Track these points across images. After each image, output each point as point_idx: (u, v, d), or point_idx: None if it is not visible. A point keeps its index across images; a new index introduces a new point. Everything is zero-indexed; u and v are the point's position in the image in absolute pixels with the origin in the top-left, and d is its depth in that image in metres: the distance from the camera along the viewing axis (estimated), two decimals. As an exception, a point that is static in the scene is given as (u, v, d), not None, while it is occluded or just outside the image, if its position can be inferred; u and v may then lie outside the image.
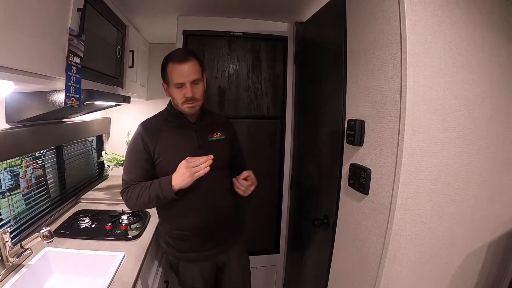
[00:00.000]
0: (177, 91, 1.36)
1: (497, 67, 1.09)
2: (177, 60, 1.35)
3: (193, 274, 1.50)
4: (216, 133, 1.50)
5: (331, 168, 1.50)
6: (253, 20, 2.07)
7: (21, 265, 1.26)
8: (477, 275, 1.26)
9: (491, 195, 1.18)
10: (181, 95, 1.35)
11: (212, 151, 1.43)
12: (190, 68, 1.34)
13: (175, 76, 1.35)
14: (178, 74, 1.34)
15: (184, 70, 1.34)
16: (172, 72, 1.35)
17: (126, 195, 1.40)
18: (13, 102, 1.34)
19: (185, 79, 1.34)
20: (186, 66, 1.34)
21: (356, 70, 1.27)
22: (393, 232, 1.04)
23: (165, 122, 1.46)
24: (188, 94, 1.34)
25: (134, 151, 1.41)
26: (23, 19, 0.89)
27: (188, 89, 1.34)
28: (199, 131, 1.46)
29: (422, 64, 0.97)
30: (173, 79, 1.35)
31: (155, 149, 1.39)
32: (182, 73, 1.34)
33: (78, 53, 1.20)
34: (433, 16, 0.97)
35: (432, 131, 1.00)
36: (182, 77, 1.34)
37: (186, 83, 1.34)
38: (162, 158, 1.39)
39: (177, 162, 1.31)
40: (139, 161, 1.40)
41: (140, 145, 1.39)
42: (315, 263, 1.74)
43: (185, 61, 1.34)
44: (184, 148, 1.41)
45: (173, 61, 1.36)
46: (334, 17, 1.47)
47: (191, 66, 1.35)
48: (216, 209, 1.44)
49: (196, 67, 1.37)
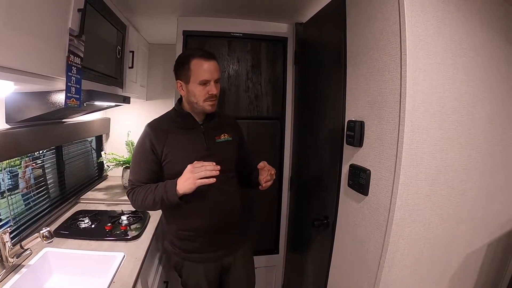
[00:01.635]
0: (201, 88, 1.35)
1: (496, 68, 1.10)
2: (204, 56, 1.35)
3: (198, 275, 1.49)
4: (224, 135, 1.50)
5: (331, 169, 1.50)
6: (253, 21, 2.07)
7: (21, 266, 1.26)
8: (476, 275, 1.26)
9: (490, 195, 1.18)
10: (205, 92, 1.35)
11: (220, 152, 1.44)
12: (215, 66, 1.36)
13: (201, 72, 1.34)
14: (205, 71, 1.34)
15: (211, 68, 1.35)
16: (198, 68, 1.34)
17: (132, 196, 1.40)
18: (13, 102, 1.34)
19: (212, 76, 1.34)
20: (212, 64, 1.35)
21: (355, 71, 1.27)
22: (393, 232, 1.04)
23: (173, 123, 1.46)
24: (213, 91, 1.35)
25: (142, 152, 1.41)
26: (23, 19, 0.89)
27: (213, 86, 1.35)
28: (207, 132, 1.46)
29: (421, 65, 0.97)
30: (198, 75, 1.34)
31: (163, 150, 1.38)
32: (210, 70, 1.34)
33: (78, 53, 1.20)
34: (433, 18, 0.98)
35: (432, 132, 1.01)
36: (210, 74, 1.34)
37: (212, 80, 1.35)
38: (169, 159, 1.39)
39: (184, 163, 1.31)
40: (146, 162, 1.40)
41: (148, 146, 1.38)
42: (314, 264, 1.74)
43: (212, 59, 1.36)
44: (192, 149, 1.41)
45: (199, 57, 1.35)
46: (334, 18, 1.47)
47: (215, 64, 1.37)
48: (223, 211, 1.44)
49: (219, 67, 1.40)
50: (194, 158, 1.35)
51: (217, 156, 1.41)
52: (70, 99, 1.16)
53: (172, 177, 1.35)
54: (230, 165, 1.50)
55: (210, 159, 1.37)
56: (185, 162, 1.30)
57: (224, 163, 1.39)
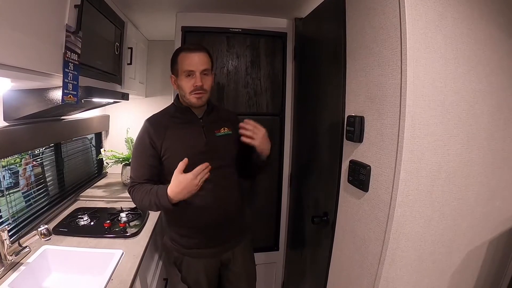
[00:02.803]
0: (186, 80, 1.36)
1: (498, 63, 1.08)
2: (189, 49, 1.38)
3: (197, 271, 1.50)
4: (223, 128, 1.49)
5: (331, 165, 1.49)
6: (252, 16, 2.05)
7: (20, 263, 1.25)
8: (477, 272, 1.25)
9: (492, 192, 1.17)
10: (190, 84, 1.36)
11: (219, 146, 1.44)
12: (200, 58, 1.36)
13: (185, 64, 1.35)
14: (189, 62, 1.35)
15: (195, 59, 1.35)
16: (183, 61, 1.36)
17: (132, 194, 1.40)
18: (10, 99, 1.34)
19: (195, 67, 1.35)
20: (197, 55, 1.36)
21: (355, 66, 1.26)
22: (393, 229, 1.03)
23: (172, 117, 1.46)
24: (197, 83, 1.35)
25: (141, 148, 1.41)
26: (19, 16, 0.88)
27: (197, 78, 1.35)
28: (206, 126, 1.45)
29: (422, 59, 0.96)
30: (183, 67, 1.36)
31: (162, 145, 1.38)
32: (193, 62, 1.35)
33: (75, 50, 1.19)
34: (434, 11, 0.96)
35: (433, 127, 0.99)
36: (193, 65, 1.35)
37: (196, 71, 1.35)
38: (169, 154, 1.39)
39: (183, 158, 1.31)
40: (145, 158, 1.40)
41: (147, 141, 1.38)
42: (314, 261, 1.73)
43: (196, 51, 1.36)
44: (191, 144, 1.41)
45: (185, 50, 1.38)
46: (334, 12, 1.46)
47: (202, 56, 1.37)
48: (223, 206, 1.44)
49: (207, 59, 1.39)
50: (194, 153, 1.36)
51: (217, 151, 1.42)
52: (67, 95, 1.15)
53: (172, 172, 1.34)
54: (229, 160, 1.50)
55: (210, 153, 1.38)
56: (184, 156, 1.29)
57: (223, 158, 1.40)
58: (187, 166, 1.35)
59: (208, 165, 1.26)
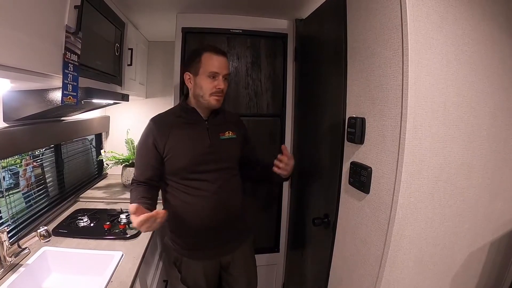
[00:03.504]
0: (209, 81, 1.37)
1: (500, 63, 1.07)
2: (216, 51, 1.39)
3: (196, 272, 1.50)
4: (228, 132, 1.50)
5: (332, 166, 1.49)
6: (253, 17, 2.04)
7: (19, 265, 1.25)
8: (478, 274, 1.25)
9: (493, 193, 1.16)
10: (212, 86, 1.37)
11: (223, 149, 1.45)
12: (226, 62, 1.39)
13: (211, 65, 1.36)
14: (216, 64, 1.36)
15: (222, 62, 1.38)
16: (208, 61, 1.37)
17: (130, 193, 1.42)
18: (10, 100, 1.33)
19: (221, 70, 1.37)
20: (222, 59, 1.38)
21: (356, 67, 1.25)
22: (394, 231, 1.02)
23: (177, 117, 1.46)
24: (220, 85, 1.37)
25: (144, 147, 1.42)
26: (19, 16, 0.88)
27: (220, 80, 1.37)
28: (211, 128, 1.46)
29: (424, 60, 0.95)
30: (208, 67, 1.36)
31: (165, 146, 1.39)
32: (220, 64, 1.37)
33: (75, 50, 1.19)
34: (435, 12, 0.96)
35: (434, 128, 0.99)
36: (219, 68, 1.36)
37: (220, 74, 1.37)
38: (171, 154, 1.39)
39: (186, 159, 1.35)
40: (148, 158, 1.41)
41: (150, 142, 1.39)
42: (315, 262, 1.73)
43: (223, 55, 1.39)
44: (195, 145, 1.41)
45: (211, 51, 1.38)
46: (334, 13, 1.45)
47: (226, 61, 1.40)
48: (224, 209, 1.44)
49: (228, 64, 1.42)
50: (197, 154, 1.37)
51: (220, 153, 1.42)
52: (66, 96, 1.15)
53: (174, 172, 1.36)
54: (232, 163, 1.51)
55: (213, 155, 1.40)
56: (187, 157, 1.32)
57: (226, 161, 1.41)
58: (192, 166, 1.37)
59: (161, 215, 1.14)
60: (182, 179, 1.40)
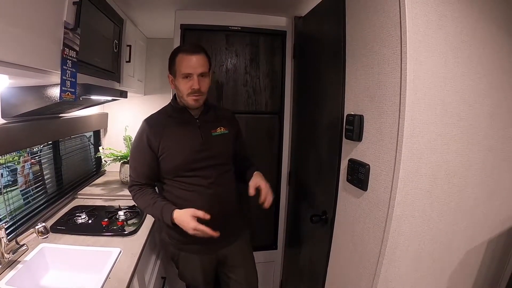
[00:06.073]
0: (184, 82, 1.36)
1: (498, 62, 1.07)
2: (187, 51, 1.36)
3: (193, 266, 1.51)
4: (220, 128, 1.50)
5: (330, 163, 1.49)
6: (252, 14, 2.04)
7: (17, 261, 1.25)
8: (476, 272, 1.25)
9: (491, 191, 1.17)
10: (187, 87, 1.36)
11: (215, 146, 1.46)
12: (198, 61, 1.36)
13: (183, 67, 1.35)
14: (187, 65, 1.35)
15: (193, 62, 1.35)
16: (181, 62, 1.36)
17: (134, 196, 1.45)
18: (8, 97, 1.33)
19: (193, 70, 1.35)
20: (195, 57, 1.35)
21: (355, 64, 1.25)
22: (392, 228, 1.03)
23: (169, 117, 1.47)
24: (195, 86, 1.35)
25: (139, 148, 1.43)
26: (17, 12, 0.87)
27: (195, 80, 1.35)
28: (203, 126, 1.46)
29: (422, 58, 0.95)
30: (180, 69, 1.35)
31: (159, 145, 1.40)
32: (191, 64, 1.34)
33: (73, 46, 1.19)
34: (434, 11, 0.96)
35: (432, 126, 0.99)
36: (191, 68, 1.34)
37: (194, 74, 1.35)
38: (165, 153, 1.40)
39: (179, 158, 1.36)
40: (144, 158, 1.42)
41: (145, 142, 1.40)
42: (313, 259, 1.73)
43: (194, 53, 1.36)
44: (188, 144, 1.42)
45: (183, 52, 1.37)
46: (333, 11, 1.45)
47: (200, 59, 1.36)
48: (219, 204, 1.44)
49: (205, 61, 1.39)
50: (190, 153, 1.40)
51: (213, 150, 1.44)
52: (65, 93, 1.14)
53: (168, 172, 1.38)
54: (226, 158, 1.52)
55: (206, 152, 1.41)
56: (180, 157, 1.34)
57: (219, 156, 1.43)
58: (186, 164, 1.37)
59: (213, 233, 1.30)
60: (177, 177, 1.42)
